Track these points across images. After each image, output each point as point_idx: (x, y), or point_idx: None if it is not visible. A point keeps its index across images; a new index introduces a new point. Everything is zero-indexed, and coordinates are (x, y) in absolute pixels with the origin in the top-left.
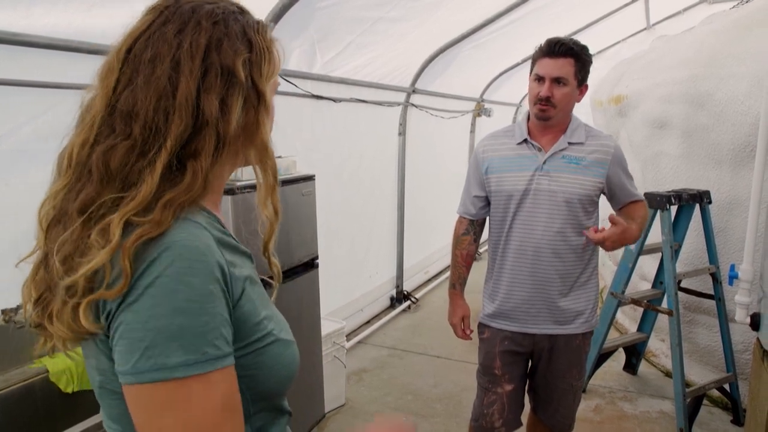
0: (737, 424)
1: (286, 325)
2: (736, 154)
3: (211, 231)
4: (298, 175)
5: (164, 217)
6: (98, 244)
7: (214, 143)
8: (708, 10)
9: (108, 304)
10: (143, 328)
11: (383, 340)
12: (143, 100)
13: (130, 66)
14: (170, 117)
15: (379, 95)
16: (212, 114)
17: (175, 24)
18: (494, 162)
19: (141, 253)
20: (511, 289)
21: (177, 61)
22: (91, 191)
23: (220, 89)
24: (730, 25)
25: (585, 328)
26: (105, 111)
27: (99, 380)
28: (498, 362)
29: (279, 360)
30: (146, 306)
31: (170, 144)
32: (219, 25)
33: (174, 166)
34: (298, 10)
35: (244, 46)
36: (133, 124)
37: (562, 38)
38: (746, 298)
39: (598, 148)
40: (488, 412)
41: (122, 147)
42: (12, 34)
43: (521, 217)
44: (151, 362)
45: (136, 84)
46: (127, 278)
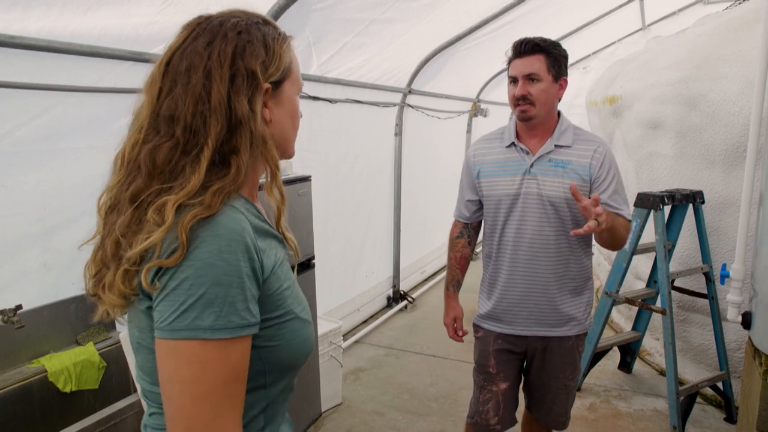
0: (730, 422)
1: (307, 306)
2: (728, 155)
3: (248, 217)
4: (294, 176)
5: (214, 202)
6: (155, 221)
7: (249, 140)
8: (703, 10)
9: (160, 270)
10: (186, 293)
11: (380, 340)
12: (182, 106)
13: (170, 77)
14: (208, 120)
15: (376, 96)
16: (244, 114)
17: (205, 37)
18: (485, 166)
19: (193, 230)
20: (505, 291)
21: (209, 70)
22: (141, 183)
23: (246, 91)
24: (722, 27)
25: (577, 330)
26: (151, 116)
27: (138, 336)
28: (492, 361)
29: (296, 335)
30: (191, 275)
31: (212, 143)
32: (242, 34)
33: (217, 161)
34: (294, 11)
35: (263, 50)
36: (176, 127)
37: (529, 37)
38: (738, 297)
39: (585, 151)
40: (483, 409)
41: (166, 146)
42: (8, 36)
43: (512, 221)
44: (186, 322)
45: (176, 92)
46: (184, 249)
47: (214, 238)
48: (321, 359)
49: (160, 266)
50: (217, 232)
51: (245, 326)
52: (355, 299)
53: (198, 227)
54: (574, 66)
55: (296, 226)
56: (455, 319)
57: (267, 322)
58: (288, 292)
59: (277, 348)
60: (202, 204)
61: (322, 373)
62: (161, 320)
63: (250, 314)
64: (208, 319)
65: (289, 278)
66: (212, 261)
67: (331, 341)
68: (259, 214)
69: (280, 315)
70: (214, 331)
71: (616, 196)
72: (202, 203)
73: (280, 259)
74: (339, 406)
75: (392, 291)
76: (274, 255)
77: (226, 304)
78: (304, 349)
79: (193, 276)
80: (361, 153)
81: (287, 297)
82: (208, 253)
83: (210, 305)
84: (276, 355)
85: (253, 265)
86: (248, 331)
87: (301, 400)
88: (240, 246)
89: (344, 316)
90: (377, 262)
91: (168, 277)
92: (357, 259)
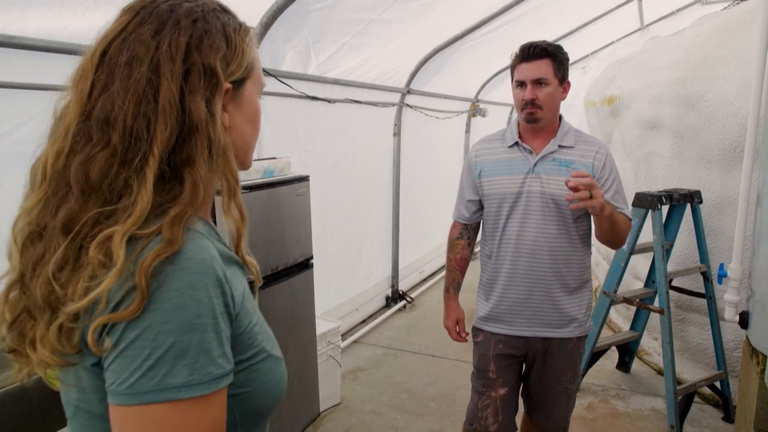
0: (728, 421)
1: (275, 341)
2: (726, 155)
3: (213, 242)
4: (292, 176)
5: (175, 235)
6: (98, 261)
7: (207, 148)
8: (701, 10)
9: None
10: (150, 345)
11: (378, 340)
12: (121, 106)
13: (106, 70)
14: (153, 123)
15: (374, 96)
16: (201, 117)
17: (152, 24)
18: (487, 165)
19: (154, 271)
20: (505, 292)
21: (156, 63)
22: (74, 205)
23: (204, 90)
24: (719, 27)
25: (579, 332)
26: (80, 118)
27: (77, 398)
28: (492, 365)
29: (270, 377)
30: (156, 322)
31: (157, 151)
32: (199, 23)
33: (167, 174)
34: (293, 11)
35: (223, 43)
36: (111, 132)
37: (535, 42)
38: (735, 297)
39: (588, 152)
40: (483, 415)
41: (101, 156)
42: (7, 36)
43: (514, 220)
44: (154, 381)
45: (113, 89)
46: (144, 299)
47: (181, 273)
48: (319, 359)
49: (110, 322)
50: (183, 265)
51: (224, 376)
52: (354, 299)
53: (159, 265)
54: (573, 66)
55: (295, 226)
56: (457, 321)
57: (238, 365)
58: (258, 328)
59: (248, 394)
60: (162, 240)
61: (321, 373)
62: (118, 382)
63: (226, 360)
64: (182, 375)
65: (256, 311)
66: (181, 301)
67: (329, 341)
68: (218, 236)
69: (251, 356)
70: (191, 388)
71: (617, 196)
72: (157, 233)
73: (245, 289)
74: (337, 406)
75: (391, 291)
76: (240, 286)
77: (201, 353)
78: (278, 391)
79: (158, 322)
80: (359, 153)
81: (257, 334)
82: (176, 292)
83: (182, 357)
84: (248, 403)
85: (226, 300)
86: (227, 380)
87: (299, 400)
88: (211, 279)
89: (343, 316)
90: (376, 262)
91: (123, 326)
92: (355, 259)
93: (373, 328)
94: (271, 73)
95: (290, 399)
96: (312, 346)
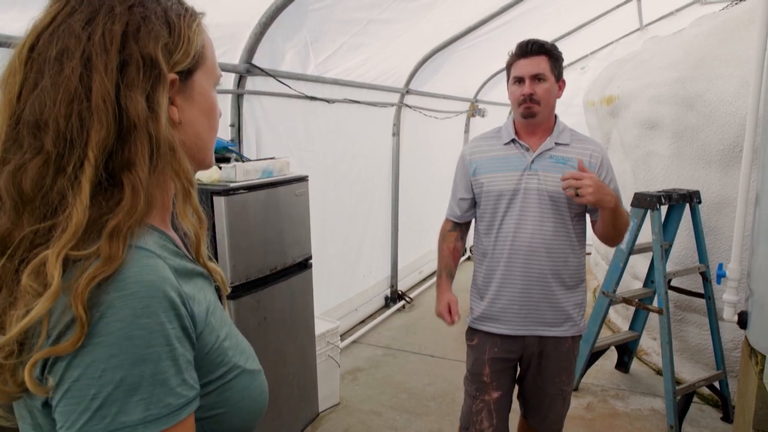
0: (727, 421)
1: (251, 351)
2: (725, 155)
3: (165, 258)
4: (291, 176)
5: (114, 251)
6: (33, 290)
7: (149, 149)
8: (700, 10)
9: (50, 359)
10: (97, 383)
11: (378, 340)
12: (52, 106)
13: (35, 66)
14: (87, 123)
15: (373, 96)
16: (139, 114)
17: (83, 13)
18: (483, 163)
19: (93, 295)
20: (501, 290)
21: (88, 57)
22: (6, 222)
23: (144, 84)
24: (718, 27)
25: (574, 331)
26: (9, 122)
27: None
28: (487, 369)
29: (246, 394)
30: (100, 357)
31: (92, 155)
32: (136, 8)
33: (104, 181)
34: (292, 11)
35: (165, 30)
36: (44, 136)
37: (532, 39)
38: (734, 297)
39: (584, 150)
40: (477, 419)
41: (34, 165)
42: (6, 36)
43: (511, 217)
44: (105, 422)
45: (42, 87)
46: (83, 328)
47: (126, 300)
48: (318, 359)
49: (48, 357)
50: (127, 291)
51: (185, 405)
52: (353, 299)
53: (98, 290)
54: (572, 66)
55: (294, 226)
56: (449, 303)
57: (207, 387)
58: (227, 343)
59: (224, 415)
60: (99, 256)
61: (320, 373)
62: (67, 425)
63: (187, 387)
64: (136, 412)
65: (225, 323)
66: (127, 332)
67: (328, 341)
68: (177, 247)
69: (222, 374)
70: (148, 424)
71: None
72: (98, 255)
73: (211, 303)
74: (337, 406)
75: (390, 291)
76: (204, 300)
77: (156, 385)
78: (257, 406)
79: (103, 357)
80: (359, 153)
81: (227, 349)
82: (120, 323)
83: (134, 392)
84: (224, 425)
85: (182, 322)
86: (190, 409)
87: (298, 400)
88: (161, 303)
89: (342, 316)
90: (375, 262)
91: (65, 364)
92: (355, 259)
93: (372, 328)
94: (270, 73)
95: (289, 399)
96: (311, 347)
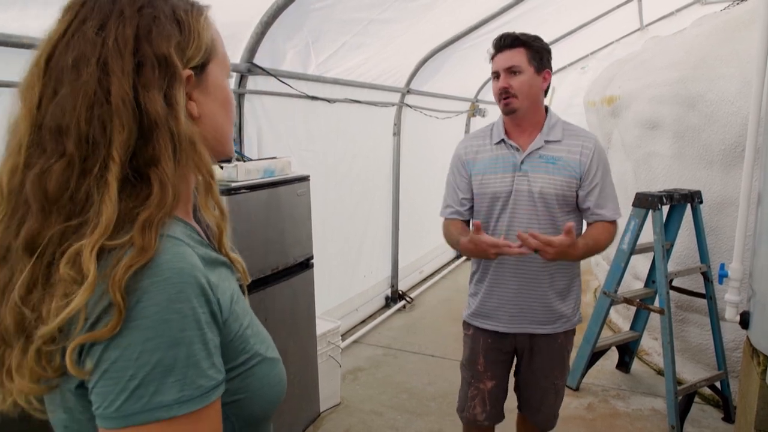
0: (728, 422)
1: (270, 340)
2: (726, 155)
3: (193, 247)
4: (292, 176)
5: (147, 242)
6: (70, 277)
7: (171, 145)
8: (701, 11)
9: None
10: (134, 364)
11: (378, 340)
12: (72, 111)
13: (53, 75)
14: (108, 125)
15: (374, 96)
16: (159, 113)
17: (95, 20)
18: (476, 164)
19: (129, 283)
20: (492, 289)
21: (104, 61)
22: (34, 224)
23: (160, 83)
24: (719, 27)
25: (566, 327)
26: (31, 130)
27: (65, 419)
28: (481, 359)
29: (266, 381)
30: (137, 340)
31: (117, 155)
32: (145, 10)
33: (131, 177)
34: (293, 11)
35: (175, 28)
36: (66, 140)
37: (507, 32)
38: (736, 297)
39: (575, 146)
40: (471, 404)
41: (58, 168)
42: (6, 35)
43: (504, 218)
44: (142, 402)
45: (62, 94)
46: (121, 314)
47: (160, 285)
48: (319, 359)
49: (87, 342)
50: (161, 277)
51: (215, 387)
52: (354, 299)
53: (134, 278)
54: (572, 66)
55: (295, 225)
56: (485, 241)
57: (230, 372)
58: (249, 331)
59: (245, 401)
60: (133, 246)
61: (321, 373)
62: (105, 405)
63: (216, 370)
64: (172, 392)
65: (247, 312)
66: (163, 316)
67: (329, 341)
68: (201, 238)
69: (244, 361)
70: (182, 404)
71: (604, 194)
72: (132, 245)
73: (235, 292)
74: (337, 406)
75: (390, 291)
76: (228, 288)
77: (189, 367)
78: (276, 394)
79: (140, 340)
80: (359, 153)
81: (249, 337)
82: (156, 307)
83: (169, 373)
84: (245, 410)
85: (211, 308)
86: (219, 392)
87: (299, 400)
88: (193, 288)
89: (343, 316)
90: (375, 262)
91: (103, 347)
92: (355, 259)
93: (373, 328)
94: (271, 72)
95: (290, 399)
96: (312, 347)
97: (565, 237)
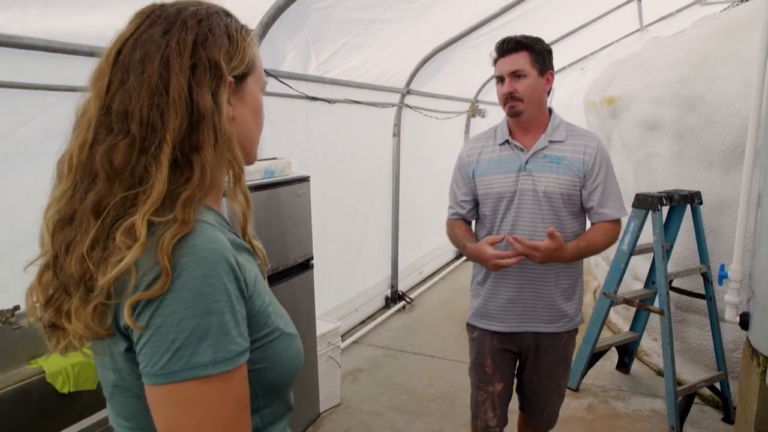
0: (728, 422)
1: (289, 319)
2: (726, 156)
3: (223, 232)
4: (293, 177)
5: (187, 216)
6: (125, 244)
7: (213, 136)
8: (701, 11)
9: (139, 305)
10: (175, 329)
11: (378, 340)
12: (137, 99)
13: (121, 68)
14: (165, 113)
15: (374, 96)
16: (207, 107)
17: (161, 25)
18: (480, 165)
19: (173, 259)
20: (495, 289)
21: (166, 59)
22: (101, 190)
23: (210, 83)
24: (719, 28)
25: (569, 326)
26: (100, 112)
27: (114, 379)
28: (489, 361)
29: (285, 353)
30: (178, 309)
31: (169, 138)
32: (203, 23)
33: (179, 160)
34: (293, 11)
35: (226, 40)
36: (130, 122)
37: (510, 36)
38: (736, 298)
39: (578, 146)
40: (483, 410)
41: (123, 144)
42: (6, 36)
43: (509, 218)
44: (182, 362)
45: (129, 84)
46: (168, 275)
47: (197, 263)
48: (319, 360)
49: (141, 300)
50: (198, 256)
51: (243, 352)
52: (354, 299)
53: (176, 254)
54: (572, 66)
55: (295, 226)
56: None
57: (254, 343)
58: (271, 308)
59: (266, 369)
60: (176, 220)
61: (321, 374)
62: (151, 364)
63: (243, 338)
64: (207, 354)
65: (268, 292)
66: (199, 288)
67: (329, 342)
68: (228, 225)
69: (266, 334)
70: (216, 365)
71: (607, 194)
72: (175, 219)
73: (257, 274)
74: (337, 407)
75: (390, 291)
76: (252, 270)
77: (221, 334)
78: (294, 365)
79: (181, 308)
80: (359, 153)
81: (271, 314)
82: (194, 280)
83: (205, 338)
84: (266, 377)
85: (239, 284)
86: (245, 357)
87: (299, 400)
88: (224, 267)
89: (342, 317)
90: (375, 263)
91: (150, 313)
92: (355, 259)
93: (373, 328)
94: (271, 73)
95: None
96: (312, 347)
97: (550, 241)
